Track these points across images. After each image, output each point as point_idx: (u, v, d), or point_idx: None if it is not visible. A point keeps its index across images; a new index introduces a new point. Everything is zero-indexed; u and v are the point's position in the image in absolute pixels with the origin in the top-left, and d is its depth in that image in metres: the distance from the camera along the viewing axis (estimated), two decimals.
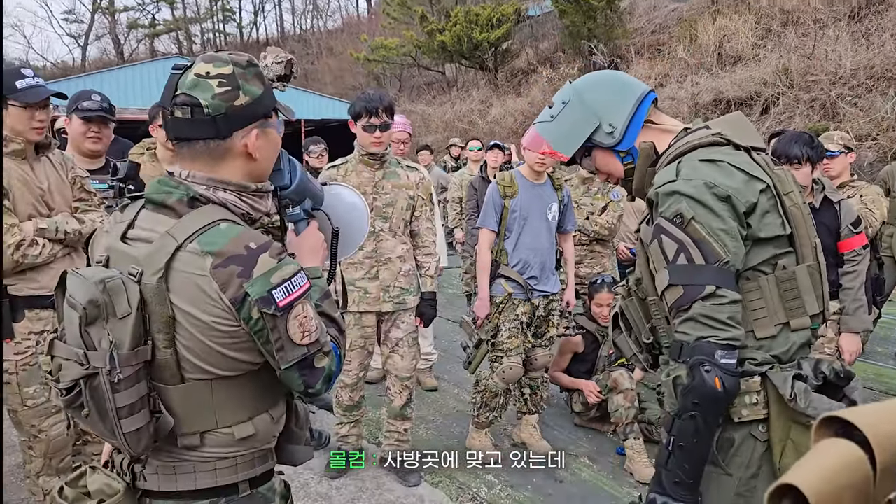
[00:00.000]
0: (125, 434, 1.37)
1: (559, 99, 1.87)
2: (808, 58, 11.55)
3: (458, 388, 5.19)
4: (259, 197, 1.51)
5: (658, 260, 1.63)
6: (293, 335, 1.37)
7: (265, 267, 1.34)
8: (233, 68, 1.44)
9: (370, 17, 35.90)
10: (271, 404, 1.52)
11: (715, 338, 1.52)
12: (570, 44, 18.42)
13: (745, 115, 1.87)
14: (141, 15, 42.97)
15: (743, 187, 1.59)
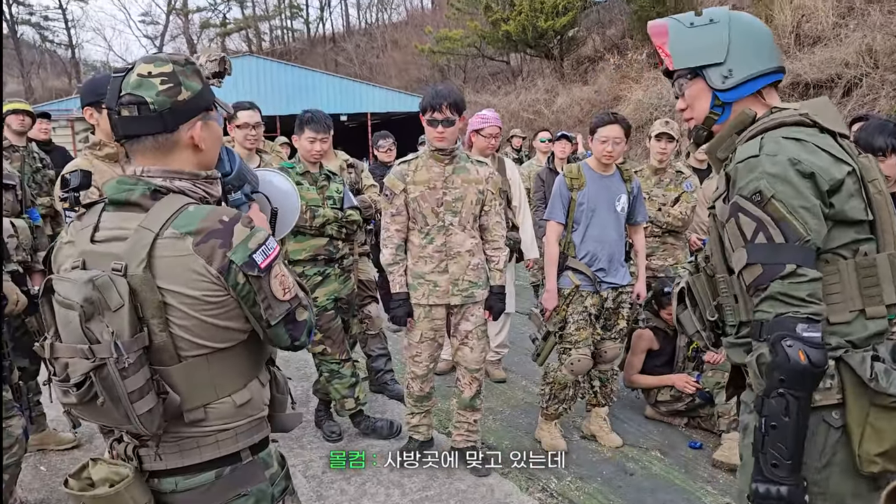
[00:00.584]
0: (139, 416, 1.46)
1: (710, 13, 1.80)
2: (894, 36, 10.99)
3: (527, 379, 5.20)
4: (210, 183, 1.64)
5: (735, 238, 1.60)
6: (276, 292, 1.52)
7: (241, 235, 1.48)
8: (173, 66, 1.56)
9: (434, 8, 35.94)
10: (258, 370, 1.65)
11: (796, 313, 1.50)
12: (639, 29, 18.01)
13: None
14: (213, 14, 44.32)
15: (828, 166, 1.56)
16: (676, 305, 1.93)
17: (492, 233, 3.63)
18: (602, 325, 3.95)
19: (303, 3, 44.79)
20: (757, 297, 1.57)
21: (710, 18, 1.77)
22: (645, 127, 14.39)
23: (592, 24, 21.91)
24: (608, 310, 3.95)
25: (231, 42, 44.61)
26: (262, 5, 44.59)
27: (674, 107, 11.33)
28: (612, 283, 3.89)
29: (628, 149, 7.86)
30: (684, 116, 1.86)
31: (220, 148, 1.71)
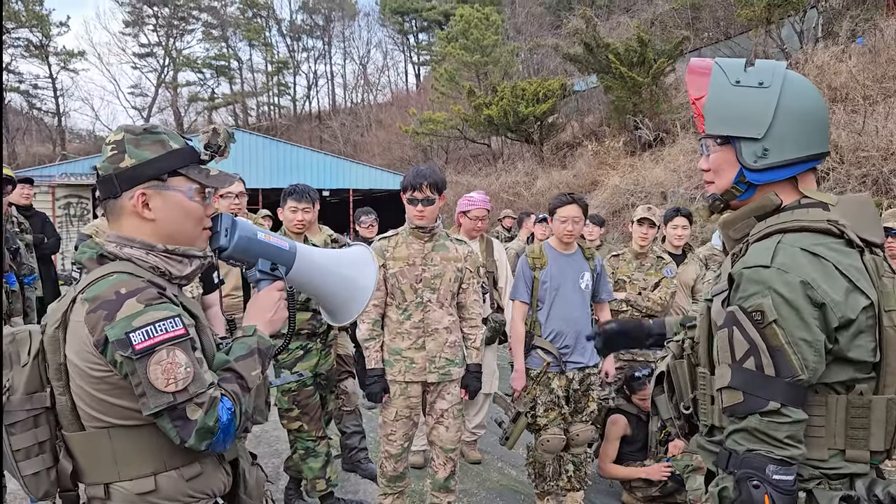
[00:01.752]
0: (23, 476, 1.46)
1: (760, 72, 1.55)
2: (858, 134, 11.46)
3: (503, 461, 5.11)
4: (172, 259, 1.56)
5: (723, 353, 1.44)
6: (154, 380, 1.38)
7: (129, 311, 1.40)
8: (123, 135, 1.57)
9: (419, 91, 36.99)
10: (183, 462, 1.51)
11: (769, 452, 1.37)
12: (616, 118, 18.65)
13: None
14: (201, 89, 45.13)
15: (843, 299, 1.39)
16: (654, 387, 1.80)
17: (469, 310, 3.65)
18: (572, 408, 3.94)
19: (290, 82, 45.92)
20: (732, 423, 1.43)
21: (760, 80, 1.53)
22: (621, 212, 14.69)
23: (571, 111, 22.63)
24: (577, 391, 3.94)
25: (218, 116, 45.35)
26: (251, 82, 45.66)
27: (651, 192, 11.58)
28: (577, 361, 3.92)
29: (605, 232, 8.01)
30: (705, 178, 1.67)
31: (220, 220, 1.66)
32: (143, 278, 1.49)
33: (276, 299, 1.69)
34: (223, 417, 1.44)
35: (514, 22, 29.66)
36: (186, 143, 1.63)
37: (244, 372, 1.53)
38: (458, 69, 24.45)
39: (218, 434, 1.44)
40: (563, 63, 22.53)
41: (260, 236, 1.71)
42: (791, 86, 1.53)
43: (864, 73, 12.82)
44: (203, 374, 1.45)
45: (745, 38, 18.00)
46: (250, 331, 1.62)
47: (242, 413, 1.49)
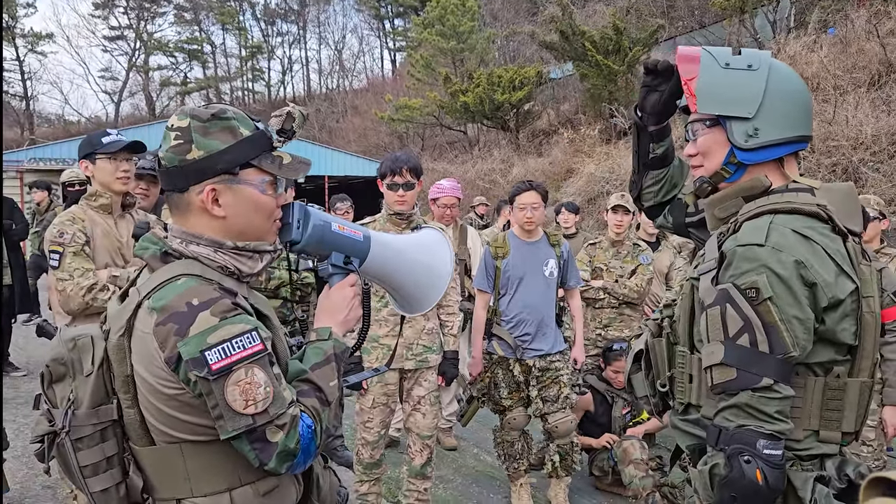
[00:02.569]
0: (91, 493, 1.36)
1: (748, 57, 1.58)
2: (828, 123, 11.62)
3: (478, 447, 5.14)
4: (241, 255, 1.43)
5: (714, 329, 1.44)
6: (232, 402, 1.26)
7: (202, 325, 1.27)
8: (189, 121, 1.40)
9: (395, 77, 36.77)
10: (258, 476, 1.40)
11: (759, 427, 1.38)
12: (591, 106, 18.70)
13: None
14: (174, 73, 44.47)
15: (833, 280, 1.42)
16: (632, 364, 1.80)
17: (446, 298, 3.65)
18: (536, 393, 3.97)
19: (265, 66, 45.39)
20: (722, 400, 1.43)
21: (749, 63, 1.56)
22: (597, 199, 14.77)
23: (547, 99, 22.66)
24: (536, 377, 3.98)
25: (191, 101, 44.72)
26: (224, 66, 45.06)
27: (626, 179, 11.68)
28: (538, 349, 3.95)
29: (580, 220, 8.05)
30: (692, 163, 1.70)
31: (292, 212, 1.51)
32: (213, 281, 1.35)
33: (350, 297, 1.56)
34: (304, 436, 1.34)
35: (491, 8, 29.55)
36: (257, 128, 1.46)
37: (322, 383, 1.42)
38: (434, 55, 24.33)
39: (299, 456, 1.34)
40: (539, 50, 22.52)
41: (334, 227, 1.56)
42: (777, 70, 1.58)
43: (835, 64, 12.99)
44: (283, 391, 1.32)
45: (720, 28, 18.14)
46: (325, 333, 1.50)
47: (323, 431, 1.38)
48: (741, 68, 1.56)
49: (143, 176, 3.73)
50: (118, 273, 3.00)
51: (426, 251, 1.74)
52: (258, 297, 1.49)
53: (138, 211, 3.28)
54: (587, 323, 4.74)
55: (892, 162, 10.50)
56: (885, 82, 12.06)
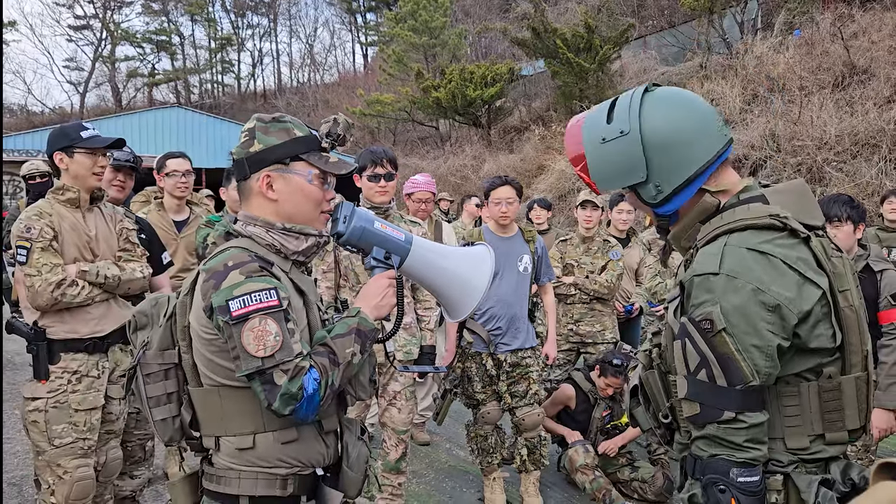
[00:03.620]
0: (154, 421, 1.68)
1: (619, 120, 1.57)
2: (794, 123, 11.86)
3: (451, 442, 5.17)
4: (289, 235, 1.71)
5: (679, 363, 1.48)
6: (247, 345, 1.52)
7: (232, 281, 1.55)
8: (255, 123, 1.75)
9: (366, 72, 36.62)
10: (281, 426, 1.64)
11: (730, 455, 1.41)
12: (563, 103, 18.82)
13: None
14: (141, 64, 43.71)
15: (796, 295, 1.41)
16: (630, 400, 1.78)
17: (423, 292, 3.67)
18: (505, 389, 4.01)
19: (234, 59, 44.85)
20: (694, 430, 1.46)
21: (620, 129, 1.56)
22: (567, 196, 14.90)
23: (519, 95, 22.75)
24: (507, 373, 4.02)
25: (159, 93, 44.08)
26: (193, 58, 44.43)
27: None
28: (507, 344, 3.99)
29: (551, 216, 8.11)
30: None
31: (340, 208, 1.77)
32: (255, 253, 1.63)
33: (385, 286, 1.77)
34: (308, 387, 1.54)
35: (463, 5, 29.54)
36: (310, 133, 1.75)
37: (337, 348, 1.62)
38: (406, 51, 24.29)
39: (302, 402, 1.53)
40: (510, 47, 22.60)
41: (377, 226, 1.77)
42: (651, 117, 1.55)
43: (801, 65, 13.25)
44: (292, 343, 1.56)
45: (689, 27, 18.39)
46: (354, 312, 1.71)
47: (329, 385, 1.58)
48: (615, 137, 1.56)
49: (120, 168, 3.70)
50: (87, 268, 2.97)
51: (467, 264, 1.87)
52: (301, 276, 1.76)
53: (107, 204, 3.24)
54: (559, 318, 4.78)
55: (855, 162, 10.75)
56: (848, 84, 12.34)
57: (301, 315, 1.69)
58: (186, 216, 4.39)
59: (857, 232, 3.34)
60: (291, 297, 1.66)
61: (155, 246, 3.55)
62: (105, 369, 3.07)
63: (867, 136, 10.90)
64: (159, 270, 3.53)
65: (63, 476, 2.93)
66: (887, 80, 11.75)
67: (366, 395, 1.76)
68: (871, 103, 11.46)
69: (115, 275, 3.03)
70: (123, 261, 3.15)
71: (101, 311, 3.04)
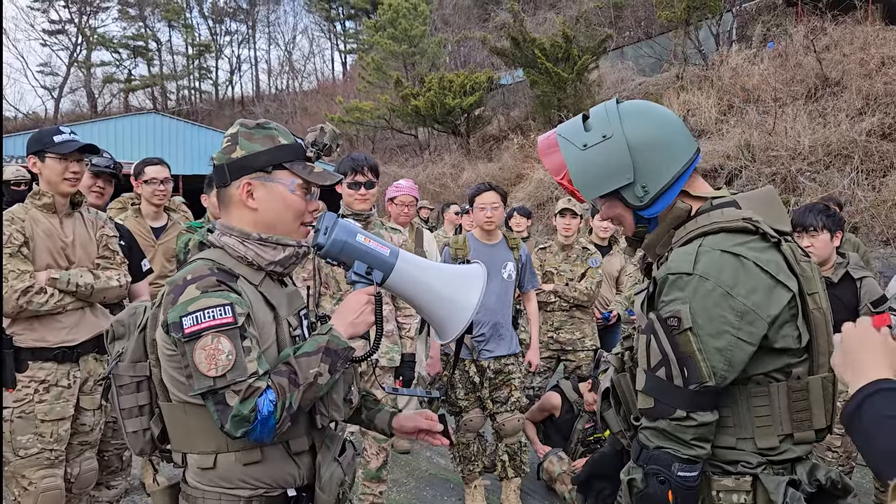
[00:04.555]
0: (127, 433, 1.66)
1: (599, 126, 1.60)
2: (769, 134, 12.03)
3: (431, 450, 5.16)
4: (265, 245, 1.64)
5: (642, 358, 1.52)
6: (199, 364, 1.46)
7: (188, 296, 1.50)
8: (238, 128, 1.69)
9: (345, 80, 36.59)
10: (244, 446, 1.56)
11: (675, 451, 1.45)
12: (541, 112, 18.93)
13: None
14: (117, 70, 43.27)
15: (765, 299, 1.44)
16: (602, 402, 1.81)
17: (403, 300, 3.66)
18: (487, 395, 4.01)
19: (212, 65, 44.59)
20: (645, 420, 1.51)
21: (603, 133, 1.58)
22: (546, 204, 14.98)
23: (498, 104, 22.84)
24: (490, 379, 4.02)
25: (135, 99, 43.65)
26: (170, 64, 44.07)
27: None
28: (490, 350, 3.99)
29: (530, 224, 8.16)
30: (613, 224, 1.72)
31: (322, 219, 1.69)
32: (218, 266, 1.57)
33: (363, 303, 1.68)
34: (263, 409, 1.47)
35: (442, 13, 29.67)
36: (295, 141, 1.70)
37: (300, 368, 1.53)
38: (385, 59, 24.29)
39: (255, 424, 1.46)
40: (489, 56, 22.69)
41: (359, 239, 1.69)
42: (630, 122, 1.58)
43: (775, 77, 13.47)
44: (246, 362, 1.48)
45: (665, 39, 18.61)
46: (326, 329, 1.63)
47: (286, 407, 1.50)
48: (598, 142, 1.58)
49: (99, 174, 3.67)
50: (58, 275, 2.90)
51: (457, 283, 1.78)
52: (274, 290, 1.68)
53: (90, 210, 3.19)
54: (539, 326, 4.80)
55: (828, 172, 10.93)
56: (821, 95, 12.55)
57: (269, 331, 1.62)
58: (164, 223, 4.35)
59: (835, 240, 3.36)
60: (258, 313, 1.59)
61: (134, 253, 3.50)
62: (77, 379, 3.00)
63: (839, 147, 11.09)
64: (139, 278, 3.49)
65: (28, 487, 2.87)
66: (858, 92, 11.98)
67: (339, 414, 1.67)
68: (844, 115, 11.67)
69: (87, 283, 2.96)
70: (101, 268, 3.08)
71: (74, 319, 2.97)
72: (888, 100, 11.52)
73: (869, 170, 10.62)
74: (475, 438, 4.07)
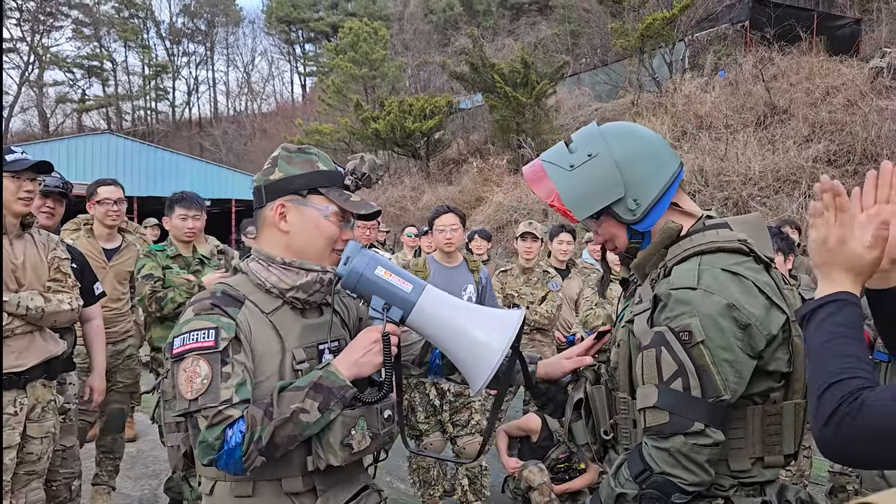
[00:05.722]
0: (168, 447, 1.67)
1: (584, 146, 1.60)
2: (721, 159, 12.37)
3: (391, 475, 5.10)
4: (289, 270, 1.61)
5: (649, 372, 1.45)
6: (179, 385, 1.46)
7: (185, 317, 1.52)
8: (280, 151, 1.70)
9: (305, 102, 36.54)
10: (238, 478, 1.53)
11: (682, 481, 1.40)
12: (500, 136, 19.17)
13: None
14: (71, 90, 42.51)
15: (765, 316, 1.43)
16: (572, 413, 1.77)
17: None
18: (448, 418, 4.02)
19: (169, 86, 44.12)
20: (655, 441, 1.43)
21: (588, 152, 1.58)
22: (505, 228, 15.10)
23: (457, 128, 23.07)
24: (450, 402, 4.02)
25: (89, 119, 42.87)
26: (126, 85, 43.47)
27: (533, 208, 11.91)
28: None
29: (490, 246, 8.22)
30: (606, 246, 1.71)
31: (347, 249, 1.60)
32: (227, 291, 1.58)
33: (371, 341, 1.57)
34: (231, 439, 1.42)
35: (403, 38, 29.94)
36: (335, 168, 1.69)
37: (280, 402, 1.46)
38: (345, 82, 24.37)
39: (221, 453, 1.42)
40: (449, 81, 22.95)
41: (378, 272, 1.58)
42: (613, 139, 1.59)
43: (726, 104, 13.90)
44: (221, 388, 1.44)
45: (621, 66, 19.07)
46: (324, 364, 1.56)
47: (253, 440, 1.43)
48: (585, 161, 1.58)
49: (49, 194, 3.55)
50: (7, 298, 2.80)
51: (486, 325, 1.63)
52: (288, 319, 1.62)
53: (41, 231, 3.11)
54: None
55: (777, 197, 11.27)
56: (769, 123, 12.98)
57: (271, 361, 1.55)
58: (118, 244, 4.27)
59: (787, 263, 3.44)
60: (261, 341, 1.54)
61: (86, 276, 3.42)
62: (23, 406, 2.87)
63: (788, 173, 11.46)
64: (90, 301, 3.41)
65: None
66: (805, 119, 12.42)
67: (336, 459, 1.52)
68: (791, 141, 12.08)
69: (38, 306, 2.86)
70: (52, 291, 2.99)
71: (24, 343, 2.86)
72: (833, 127, 11.98)
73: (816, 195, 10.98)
74: (435, 462, 4.05)
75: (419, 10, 34.03)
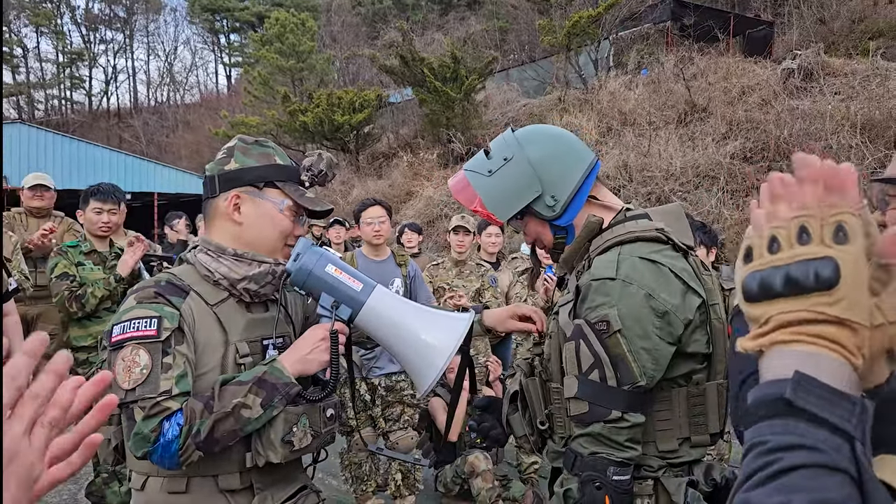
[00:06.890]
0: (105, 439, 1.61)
1: (500, 151, 1.68)
2: (644, 155, 12.73)
3: (322, 472, 5.06)
4: (240, 261, 1.58)
5: (571, 363, 1.52)
6: (117, 374, 1.41)
7: (125, 306, 1.49)
8: (236, 142, 1.68)
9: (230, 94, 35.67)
10: (172, 473, 1.48)
11: (610, 454, 1.47)
12: (430, 131, 19.18)
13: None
14: None
15: (681, 302, 1.50)
16: (508, 406, 1.80)
17: None
18: (379, 413, 4.02)
19: (85, 75, 42.28)
20: (578, 428, 1.51)
21: (504, 157, 1.66)
22: (435, 222, 15.14)
23: (387, 122, 22.95)
24: (382, 397, 4.03)
25: None
26: (38, 72, 41.43)
27: None
28: (381, 368, 4.01)
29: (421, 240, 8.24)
30: (537, 247, 1.78)
31: (297, 245, 1.60)
32: (172, 280, 1.54)
33: (318, 339, 1.56)
34: (167, 432, 1.39)
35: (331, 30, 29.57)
36: (292, 163, 1.68)
37: (222, 395, 1.44)
38: (272, 73, 23.89)
39: (156, 446, 1.39)
40: (379, 74, 22.82)
41: (328, 269, 1.57)
42: (527, 142, 1.67)
43: (649, 102, 14.31)
44: (160, 379, 1.41)
45: (548, 63, 19.36)
46: (269, 360, 1.54)
47: (191, 434, 1.40)
48: (501, 165, 1.65)
49: None
50: None
51: (434, 327, 1.62)
52: (233, 312, 1.59)
53: None
54: None
55: (697, 192, 11.68)
56: (690, 120, 13.44)
57: (213, 354, 1.52)
58: None
59: (710, 255, 3.61)
60: (204, 333, 1.51)
61: None
62: None
63: (707, 169, 11.89)
64: (5, 298, 3.25)
65: None
66: (722, 118, 12.91)
67: (276, 456, 1.50)
68: (710, 139, 12.54)
69: None
70: None
71: None
72: (749, 125, 12.50)
73: (733, 190, 11.44)
74: (367, 458, 4.03)
75: (347, 1, 33.68)
